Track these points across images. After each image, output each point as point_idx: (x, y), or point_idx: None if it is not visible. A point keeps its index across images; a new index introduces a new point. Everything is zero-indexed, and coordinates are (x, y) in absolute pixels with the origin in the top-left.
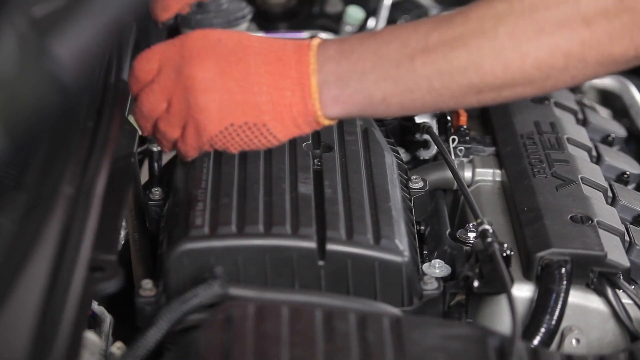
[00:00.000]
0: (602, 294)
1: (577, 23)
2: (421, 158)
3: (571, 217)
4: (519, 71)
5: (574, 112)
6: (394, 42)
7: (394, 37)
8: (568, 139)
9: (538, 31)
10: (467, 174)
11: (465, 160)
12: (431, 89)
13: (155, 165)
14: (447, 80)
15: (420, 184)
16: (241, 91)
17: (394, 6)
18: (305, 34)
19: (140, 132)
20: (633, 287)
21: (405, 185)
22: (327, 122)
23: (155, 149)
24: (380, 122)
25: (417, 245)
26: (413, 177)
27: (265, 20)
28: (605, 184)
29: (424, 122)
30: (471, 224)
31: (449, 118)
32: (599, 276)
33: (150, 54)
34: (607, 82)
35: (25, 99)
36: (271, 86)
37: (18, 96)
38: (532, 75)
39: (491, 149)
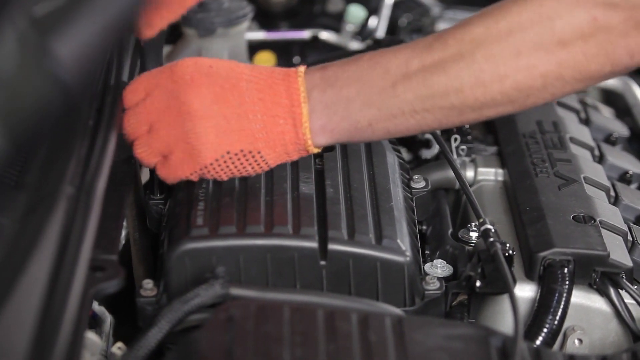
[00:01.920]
0: (604, 294)
1: (553, 44)
2: (423, 157)
3: (574, 217)
4: (499, 92)
5: (576, 112)
6: (376, 68)
7: (375, 63)
8: (571, 138)
9: (515, 54)
10: (469, 174)
11: (467, 159)
12: (414, 113)
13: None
14: (429, 104)
15: (422, 184)
16: (237, 118)
17: (395, 5)
18: (306, 33)
19: None
20: (636, 287)
21: (407, 184)
22: (315, 150)
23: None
24: None
25: (419, 245)
26: (415, 176)
27: (266, 19)
28: (608, 184)
29: None
30: (473, 223)
31: None
32: (601, 276)
33: (136, 81)
34: (610, 81)
35: (26, 99)
36: (265, 114)
37: (19, 96)
38: (512, 96)
39: (493, 149)
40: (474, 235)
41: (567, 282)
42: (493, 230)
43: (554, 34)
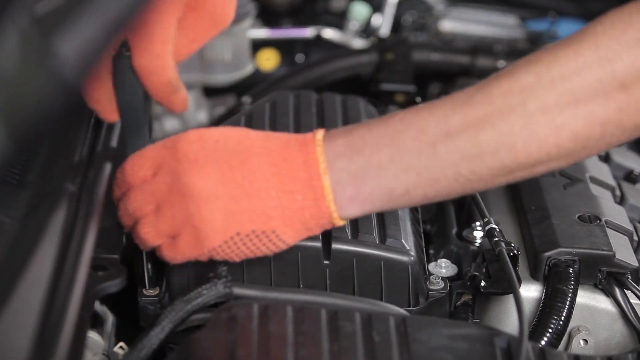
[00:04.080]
0: (610, 294)
1: (614, 88)
2: None
3: (579, 217)
4: (555, 146)
5: None
6: (409, 129)
7: (408, 124)
8: None
9: (572, 102)
10: None
11: None
12: (458, 175)
13: (149, 265)
14: (476, 165)
15: None
16: (247, 197)
17: (399, 3)
18: (309, 31)
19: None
20: None
21: None
22: (341, 223)
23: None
24: None
25: (423, 244)
26: None
27: (269, 17)
28: (614, 183)
29: None
30: (478, 223)
31: None
32: (607, 276)
33: (142, 158)
34: None
35: (28, 98)
36: (279, 190)
37: (21, 94)
38: (568, 149)
39: None
40: (478, 234)
41: (572, 282)
42: (498, 230)
43: (614, 78)
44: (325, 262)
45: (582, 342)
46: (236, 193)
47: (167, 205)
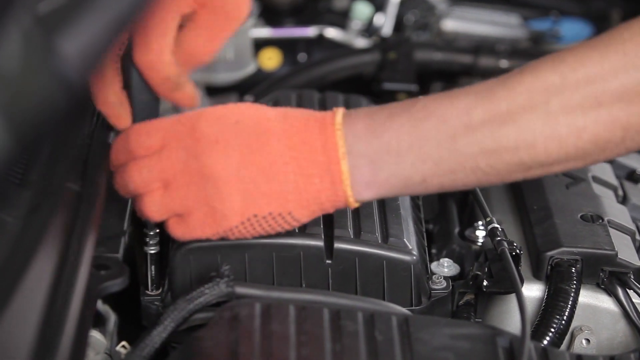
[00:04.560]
0: (612, 293)
1: (637, 95)
2: None
3: (581, 216)
4: (574, 147)
5: None
6: (430, 118)
7: (429, 113)
8: None
9: (596, 105)
10: None
11: None
12: (476, 168)
13: (153, 267)
14: (495, 160)
15: None
16: (266, 181)
17: (401, 2)
18: (312, 30)
19: None
20: None
21: None
22: (356, 205)
23: (152, 251)
24: None
25: (426, 244)
26: None
27: (271, 16)
28: (616, 182)
29: None
30: (480, 222)
31: None
32: (609, 276)
33: (152, 128)
34: None
35: (30, 97)
36: (297, 173)
37: (24, 94)
38: (587, 150)
39: None
40: (481, 234)
41: (574, 282)
42: (500, 229)
43: (639, 84)
44: (328, 261)
45: (584, 341)
46: (255, 176)
47: (180, 183)
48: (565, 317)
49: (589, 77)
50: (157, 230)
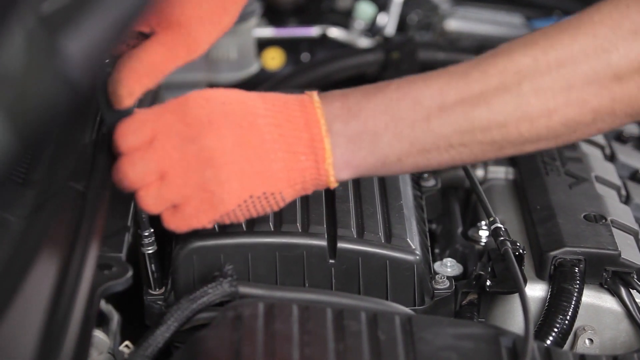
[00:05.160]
0: (615, 293)
1: (608, 79)
2: None
3: (585, 216)
4: (545, 128)
5: None
6: (405, 98)
7: (404, 94)
8: None
9: (566, 88)
10: (479, 172)
11: None
12: (450, 148)
13: (153, 266)
14: (468, 139)
15: (432, 182)
16: (259, 160)
17: (404, 2)
18: (315, 30)
19: None
20: None
21: (416, 183)
22: (335, 185)
23: (149, 251)
24: None
25: (429, 243)
26: (425, 174)
27: (275, 16)
28: (619, 182)
29: None
30: (483, 222)
31: None
32: (612, 275)
33: (138, 122)
34: None
35: (34, 97)
36: (285, 151)
37: (27, 94)
38: (558, 131)
39: None
40: (484, 234)
41: (577, 282)
42: (503, 229)
43: (609, 68)
44: (331, 261)
45: (587, 341)
46: (249, 155)
47: (178, 171)
48: (568, 317)
49: (560, 59)
50: (152, 230)
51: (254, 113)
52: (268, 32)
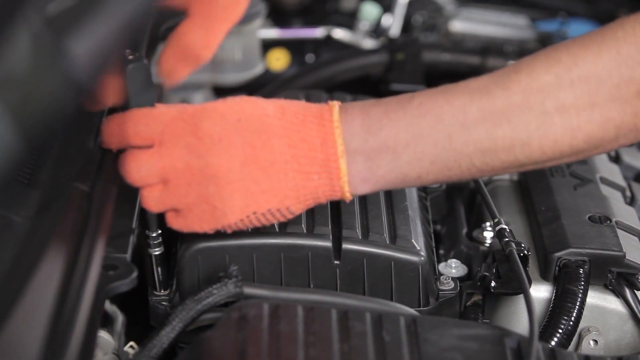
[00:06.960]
0: (620, 294)
1: (631, 95)
2: None
3: (589, 217)
4: (569, 146)
5: None
6: (427, 116)
7: (426, 111)
8: None
9: (590, 105)
10: None
11: None
12: (471, 165)
13: (159, 268)
14: (490, 158)
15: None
16: (267, 179)
17: (409, 3)
18: (320, 31)
19: None
20: None
21: None
22: (350, 198)
23: (156, 252)
24: None
25: (434, 244)
26: None
27: (279, 17)
28: (624, 184)
29: None
30: (488, 223)
31: None
32: (617, 277)
33: (151, 119)
34: None
35: (40, 98)
36: (297, 171)
37: (33, 95)
38: (580, 148)
39: None
40: (488, 235)
41: (582, 283)
42: (508, 230)
43: (632, 84)
44: (336, 262)
45: (592, 342)
46: (257, 175)
47: (180, 182)
48: (573, 318)
49: (583, 77)
50: (160, 232)
51: (268, 132)
52: (273, 33)
